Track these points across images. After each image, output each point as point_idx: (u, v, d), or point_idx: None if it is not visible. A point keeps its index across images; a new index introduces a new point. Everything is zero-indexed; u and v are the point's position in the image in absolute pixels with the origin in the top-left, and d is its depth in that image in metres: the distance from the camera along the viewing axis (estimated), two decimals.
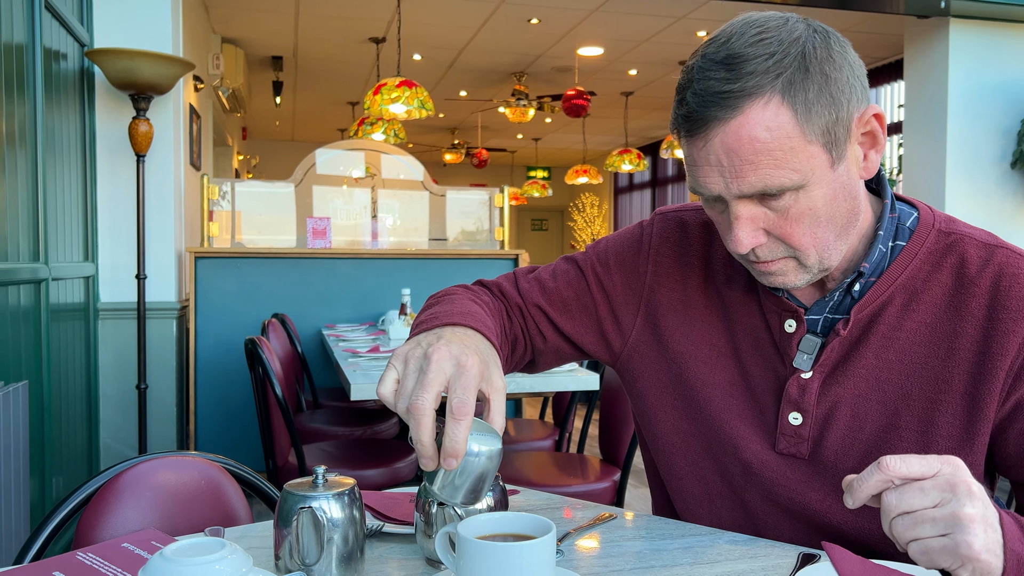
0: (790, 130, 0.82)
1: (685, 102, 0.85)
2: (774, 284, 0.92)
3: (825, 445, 0.94)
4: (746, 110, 0.81)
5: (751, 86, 0.81)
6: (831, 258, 0.90)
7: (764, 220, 0.87)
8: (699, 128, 0.84)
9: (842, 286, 0.94)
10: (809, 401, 0.95)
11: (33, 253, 2.59)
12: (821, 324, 0.96)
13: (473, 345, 0.82)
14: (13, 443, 2.16)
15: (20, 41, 2.49)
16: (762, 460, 0.97)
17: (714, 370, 1.01)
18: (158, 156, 3.54)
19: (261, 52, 6.83)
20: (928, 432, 0.91)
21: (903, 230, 0.95)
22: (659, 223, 1.10)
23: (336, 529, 0.82)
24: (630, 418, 2.41)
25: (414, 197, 5.02)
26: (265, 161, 11.66)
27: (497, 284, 1.14)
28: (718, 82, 0.82)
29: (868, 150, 0.88)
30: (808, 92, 0.82)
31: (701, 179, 0.87)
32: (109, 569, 0.87)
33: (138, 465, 1.12)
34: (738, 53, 0.82)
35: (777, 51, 0.82)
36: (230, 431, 4.08)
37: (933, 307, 0.92)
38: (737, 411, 0.99)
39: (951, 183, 4.72)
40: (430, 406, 0.75)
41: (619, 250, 1.11)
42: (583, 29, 6.11)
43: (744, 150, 0.82)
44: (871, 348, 0.93)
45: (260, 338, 2.43)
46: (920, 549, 0.70)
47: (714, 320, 1.03)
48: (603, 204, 13.31)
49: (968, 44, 4.71)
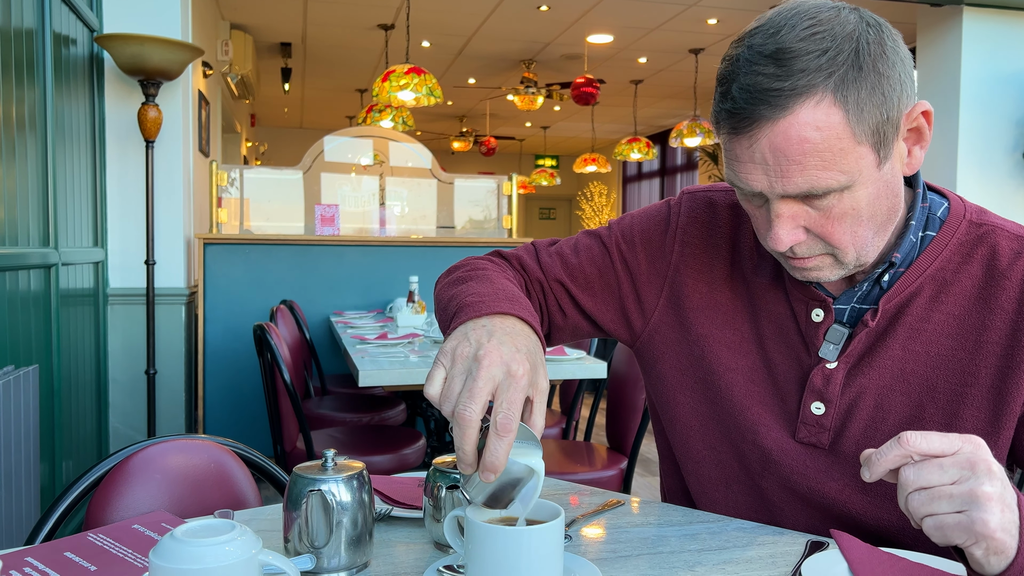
0: (840, 131, 0.78)
1: (730, 96, 0.81)
2: (807, 279, 0.91)
3: (847, 436, 0.94)
4: (796, 109, 0.78)
5: (802, 85, 0.77)
6: (868, 255, 0.88)
7: (805, 218, 0.84)
8: (746, 126, 0.80)
9: (872, 276, 0.92)
10: (833, 391, 0.94)
11: (43, 238, 2.60)
12: (848, 314, 0.95)
13: (524, 346, 0.79)
14: (24, 426, 2.18)
15: (30, 26, 2.49)
16: (781, 448, 0.97)
17: (737, 355, 1.00)
18: (167, 142, 3.55)
19: (270, 38, 6.82)
20: (953, 425, 0.90)
21: (933, 220, 0.93)
22: (687, 202, 1.07)
23: (345, 512, 0.82)
24: (638, 406, 2.41)
25: (422, 185, 5.01)
26: (273, 148, 11.67)
27: (517, 257, 1.11)
28: (767, 78, 0.78)
29: (912, 146, 0.86)
30: (860, 91, 0.78)
31: (743, 175, 0.83)
32: (120, 550, 0.87)
33: (148, 448, 1.12)
34: (789, 48, 0.78)
35: (831, 47, 0.78)
36: (238, 416, 4.10)
37: (962, 299, 0.91)
38: (758, 398, 0.98)
39: (962, 173, 4.68)
40: (476, 417, 0.72)
41: (645, 227, 1.08)
42: (593, 16, 6.08)
43: (792, 151, 0.79)
44: (898, 339, 0.92)
45: (269, 324, 2.44)
46: (935, 524, 0.69)
47: (739, 305, 1.01)
48: (611, 193, 13.28)
49: (982, 32, 4.66)
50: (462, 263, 1.07)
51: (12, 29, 2.32)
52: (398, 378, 2.34)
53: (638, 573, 0.83)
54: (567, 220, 15.07)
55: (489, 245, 4.55)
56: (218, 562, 0.68)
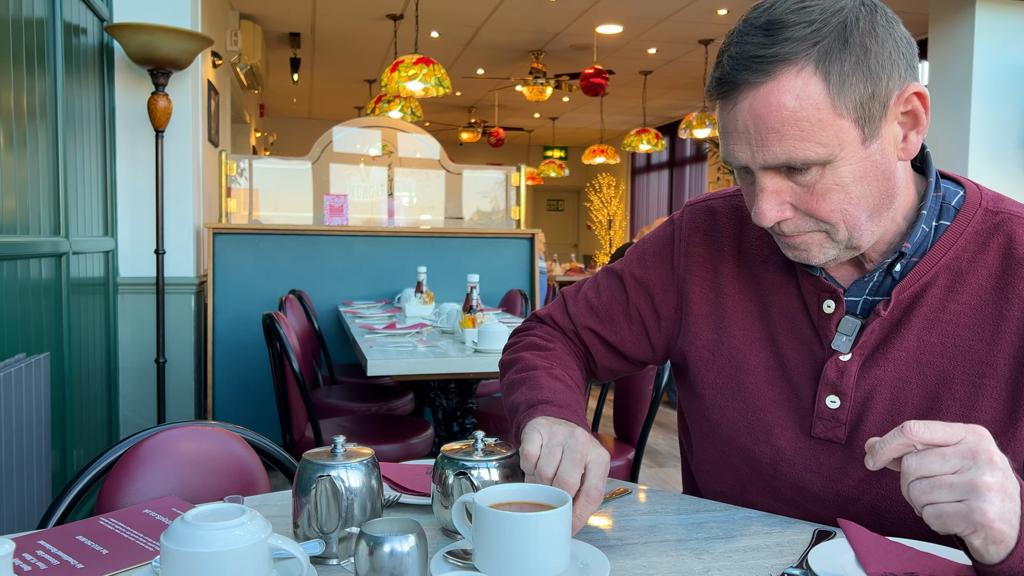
0: (820, 101, 0.80)
1: (720, 65, 0.85)
2: (799, 259, 0.91)
3: (863, 429, 0.93)
4: (778, 76, 0.80)
5: (786, 52, 0.80)
6: (861, 238, 0.87)
7: (790, 194, 0.86)
8: (729, 91, 0.83)
9: (882, 267, 0.92)
10: (847, 384, 0.93)
11: (54, 227, 2.61)
12: (861, 305, 0.94)
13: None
14: (35, 413, 2.19)
15: (40, 16, 2.50)
16: (795, 447, 0.96)
17: (748, 356, 1.00)
18: (176, 132, 3.55)
19: (279, 29, 6.82)
20: (970, 416, 0.89)
21: (948, 209, 0.92)
22: (688, 214, 1.10)
23: (354, 498, 0.83)
24: (645, 397, 2.41)
25: (430, 175, 5.01)
26: (282, 138, 11.68)
27: (550, 316, 1.17)
28: (754, 47, 0.81)
29: (909, 131, 0.86)
30: (844, 64, 0.80)
31: (730, 146, 0.86)
32: (131, 534, 0.88)
33: (159, 434, 1.13)
34: (778, 19, 0.81)
35: (818, 19, 0.80)
36: (247, 405, 4.11)
37: (979, 288, 0.90)
38: (772, 397, 0.98)
39: (974, 165, 4.65)
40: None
41: (656, 248, 1.12)
42: (602, 6, 6.05)
43: (771, 117, 0.81)
44: (913, 330, 0.91)
45: (278, 313, 2.45)
46: (934, 513, 0.69)
47: (748, 305, 1.02)
48: (620, 185, 13.25)
49: (994, 24, 4.63)
50: (513, 358, 1.12)
51: (23, 19, 2.33)
52: (406, 367, 2.35)
53: (645, 561, 0.83)
54: (575, 212, 15.04)
55: (497, 236, 4.55)
56: (228, 546, 0.69)
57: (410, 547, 0.70)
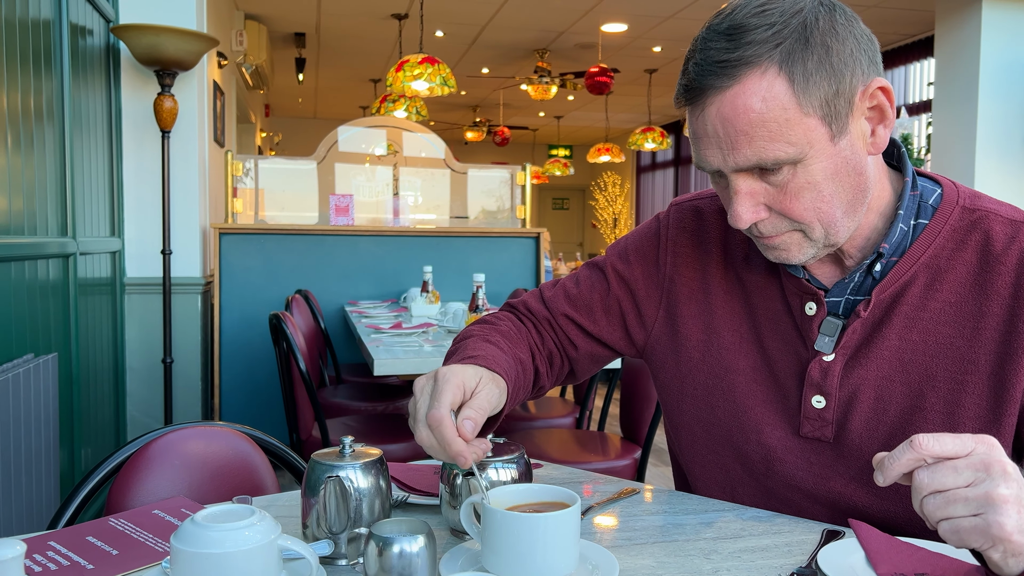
0: (785, 101, 0.81)
1: (687, 72, 0.86)
2: (779, 259, 0.92)
3: (849, 428, 0.94)
4: (743, 79, 0.81)
5: (749, 55, 0.81)
6: (838, 234, 0.89)
7: (764, 195, 0.87)
8: (697, 97, 0.85)
9: (862, 267, 0.93)
10: (831, 384, 0.94)
11: (61, 228, 2.62)
12: (843, 306, 0.95)
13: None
14: (44, 413, 2.20)
15: (47, 17, 2.51)
16: (785, 445, 0.97)
17: (736, 356, 1.01)
18: (183, 132, 3.56)
19: (284, 28, 6.83)
20: (954, 413, 0.89)
21: (925, 208, 0.93)
22: (675, 213, 1.10)
23: (363, 498, 0.83)
24: (651, 396, 2.41)
25: (436, 175, 5.01)
26: (288, 138, 11.69)
27: (523, 303, 1.17)
28: (718, 51, 0.82)
29: (876, 125, 0.87)
30: (807, 63, 0.81)
31: (702, 151, 0.87)
32: (141, 535, 0.89)
33: (168, 434, 1.13)
34: (740, 24, 0.82)
35: (778, 21, 0.81)
36: (254, 405, 4.12)
37: (958, 286, 0.91)
38: (761, 397, 0.99)
39: (980, 162, 4.64)
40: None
41: (639, 244, 1.12)
42: (607, 5, 6.05)
43: (739, 120, 0.82)
44: (894, 329, 0.92)
45: (284, 313, 2.45)
46: (951, 528, 0.68)
47: (735, 306, 1.02)
48: (625, 183, 13.24)
49: (1001, 21, 4.61)
50: (459, 335, 1.11)
51: (30, 20, 2.34)
52: (412, 367, 2.35)
53: (654, 560, 0.83)
54: (580, 210, 15.03)
55: (502, 235, 4.55)
56: (238, 547, 0.69)
57: (419, 548, 0.70)
